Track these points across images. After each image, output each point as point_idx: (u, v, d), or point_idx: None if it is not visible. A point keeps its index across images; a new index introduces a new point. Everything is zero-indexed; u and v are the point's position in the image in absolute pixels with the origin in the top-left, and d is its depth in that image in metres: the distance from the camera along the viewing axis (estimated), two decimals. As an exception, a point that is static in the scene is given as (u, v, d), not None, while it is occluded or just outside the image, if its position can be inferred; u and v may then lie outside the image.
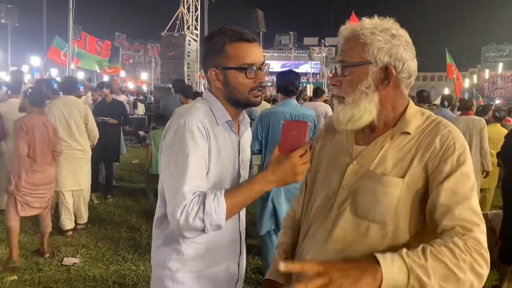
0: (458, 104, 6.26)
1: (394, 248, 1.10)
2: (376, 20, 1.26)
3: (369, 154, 1.28)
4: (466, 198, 1.13)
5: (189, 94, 6.02)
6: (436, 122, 1.26)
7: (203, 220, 1.31)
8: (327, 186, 1.35)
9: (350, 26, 1.28)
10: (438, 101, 11.58)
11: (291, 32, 36.53)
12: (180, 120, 1.42)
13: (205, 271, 1.50)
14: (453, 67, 14.53)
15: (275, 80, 4.42)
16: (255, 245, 4.58)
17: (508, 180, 3.78)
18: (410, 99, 1.33)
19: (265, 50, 45.56)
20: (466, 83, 38.07)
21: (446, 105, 6.66)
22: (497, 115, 6.65)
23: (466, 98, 9.04)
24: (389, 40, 1.22)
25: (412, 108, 1.30)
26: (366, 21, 1.27)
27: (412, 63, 1.25)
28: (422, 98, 6.36)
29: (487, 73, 40.39)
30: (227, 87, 1.48)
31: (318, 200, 1.37)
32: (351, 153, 1.32)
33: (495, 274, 4.02)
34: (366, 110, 1.25)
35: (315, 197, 1.39)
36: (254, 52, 1.46)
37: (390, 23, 1.25)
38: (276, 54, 46.05)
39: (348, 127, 1.28)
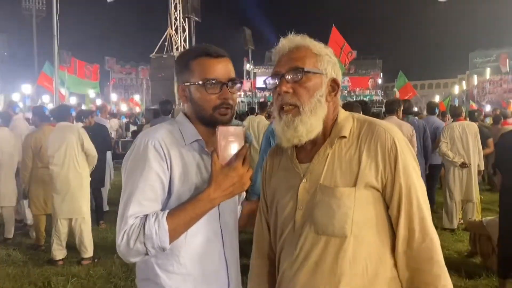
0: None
1: (358, 260, 1.19)
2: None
3: (315, 169, 1.27)
4: (420, 214, 1.21)
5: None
6: (367, 123, 1.28)
7: (144, 244, 1.25)
8: (285, 211, 1.33)
9: (297, 37, 1.29)
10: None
11: (272, 50, 36.87)
12: (138, 140, 1.39)
13: None
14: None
15: (267, 96, 4.43)
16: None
17: (506, 189, 3.68)
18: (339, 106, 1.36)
19: (256, 67, 45.99)
20: (456, 89, 38.40)
21: (437, 112, 6.75)
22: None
23: (456, 105, 9.17)
24: (332, 56, 1.30)
25: (343, 113, 1.33)
26: (303, 37, 1.29)
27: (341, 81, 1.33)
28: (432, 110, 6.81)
29: (475, 79, 40.85)
30: (193, 103, 1.43)
31: (281, 226, 1.35)
32: (299, 172, 1.31)
33: (495, 281, 3.95)
34: (320, 119, 1.25)
35: (279, 224, 1.37)
36: (219, 67, 1.39)
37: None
38: (266, 70, 46.43)
39: (302, 139, 1.24)
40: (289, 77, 1.24)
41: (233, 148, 1.32)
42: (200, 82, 1.38)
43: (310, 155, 1.30)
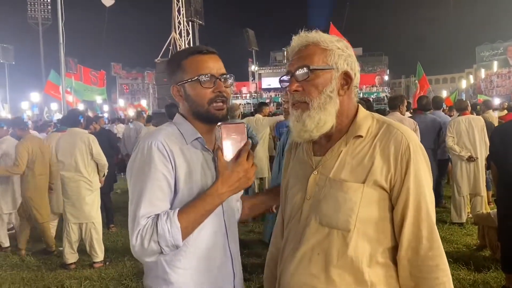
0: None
1: (359, 254, 1.20)
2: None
3: (327, 163, 1.29)
4: (429, 222, 1.20)
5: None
6: (386, 125, 1.28)
7: (158, 243, 1.29)
8: (294, 200, 1.36)
9: (307, 34, 1.30)
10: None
11: (285, 48, 37.01)
12: (141, 144, 1.43)
13: None
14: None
15: (272, 96, 4.51)
16: (260, 264, 4.53)
17: (502, 181, 3.65)
18: (359, 104, 1.36)
19: (261, 68, 46.10)
20: (463, 84, 38.15)
21: (445, 107, 6.80)
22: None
23: (464, 99, 9.16)
24: (345, 49, 1.28)
25: (363, 112, 1.33)
26: (314, 33, 1.30)
27: (358, 75, 1.32)
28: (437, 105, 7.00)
29: (483, 73, 40.50)
30: (188, 101, 1.47)
31: (289, 215, 1.39)
32: (311, 164, 1.34)
33: (503, 274, 3.95)
34: (331, 114, 1.26)
35: (287, 213, 1.41)
36: (211, 63, 1.45)
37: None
38: (271, 71, 46.52)
39: (313, 134, 1.26)
40: (298, 76, 1.26)
41: (237, 144, 1.36)
42: (195, 78, 1.43)
43: (325, 150, 1.32)
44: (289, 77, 1.30)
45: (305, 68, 1.25)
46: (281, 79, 1.36)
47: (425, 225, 1.19)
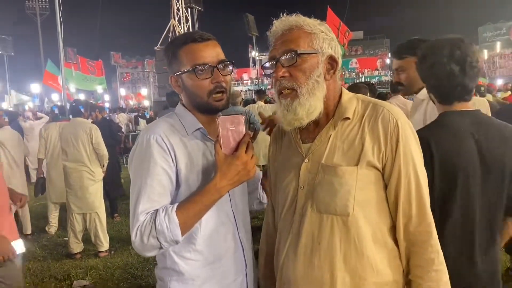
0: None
1: (361, 238, 1.19)
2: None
3: (317, 149, 1.27)
4: (419, 198, 1.21)
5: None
6: (372, 104, 1.27)
7: (157, 238, 1.27)
8: (287, 191, 1.33)
9: (290, 18, 1.26)
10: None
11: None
12: (140, 137, 1.40)
13: None
14: None
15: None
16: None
17: None
18: (342, 87, 1.34)
19: (262, 53, 45.79)
20: (466, 65, 37.69)
21: None
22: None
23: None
24: (328, 33, 1.26)
25: (347, 94, 1.31)
26: (296, 16, 1.26)
27: (341, 59, 1.30)
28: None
29: (485, 54, 40.14)
30: (187, 92, 1.43)
31: (282, 206, 1.36)
32: (301, 152, 1.31)
33: (507, 255, 3.94)
34: (319, 99, 1.24)
35: (280, 204, 1.38)
36: (206, 51, 1.37)
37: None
38: (272, 56, 46.12)
39: (304, 121, 1.24)
40: (284, 61, 1.22)
41: (235, 136, 1.32)
42: (190, 69, 1.36)
43: (313, 136, 1.30)
44: (273, 62, 1.26)
45: (292, 53, 1.21)
46: (264, 65, 1.32)
47: (415, 202, 1.20)
